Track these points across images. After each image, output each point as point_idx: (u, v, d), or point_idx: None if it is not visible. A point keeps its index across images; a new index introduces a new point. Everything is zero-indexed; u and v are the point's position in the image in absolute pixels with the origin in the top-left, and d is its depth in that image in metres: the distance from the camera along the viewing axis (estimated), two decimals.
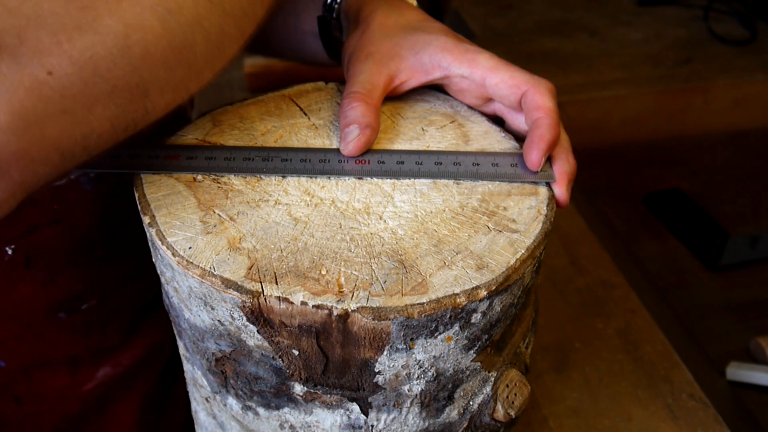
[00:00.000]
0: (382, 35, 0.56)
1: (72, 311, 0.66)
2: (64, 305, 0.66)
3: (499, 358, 0.49)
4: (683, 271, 1.16)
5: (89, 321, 0.68)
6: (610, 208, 1.24)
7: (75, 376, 0.70)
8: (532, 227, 0.48)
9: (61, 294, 0.65)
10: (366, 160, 0.52)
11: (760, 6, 1.60)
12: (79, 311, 0.67)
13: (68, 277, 0.64)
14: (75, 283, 0.65)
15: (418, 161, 0.52)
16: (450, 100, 0.59)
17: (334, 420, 0.47)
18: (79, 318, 0.67)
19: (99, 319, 0.69)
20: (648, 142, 1.39)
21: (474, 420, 0.50)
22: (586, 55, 1.47)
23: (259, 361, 0.46)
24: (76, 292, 0.66)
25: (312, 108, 0.57)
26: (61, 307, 0.66)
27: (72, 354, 0.69)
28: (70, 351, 0.69)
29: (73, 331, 0.68)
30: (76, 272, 0.65)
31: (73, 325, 0.67)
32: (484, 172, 0.51)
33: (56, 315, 0.66)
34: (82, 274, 0.65)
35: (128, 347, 0.72)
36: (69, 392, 0.70)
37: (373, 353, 0.43)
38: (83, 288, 0.66)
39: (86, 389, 0.70)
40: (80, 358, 0.69)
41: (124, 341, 0.72)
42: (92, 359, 0.70)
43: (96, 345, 0.70)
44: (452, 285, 0.43)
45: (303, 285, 0.43)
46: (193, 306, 0.46)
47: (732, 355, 0.98)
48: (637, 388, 0.80)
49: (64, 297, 0.65)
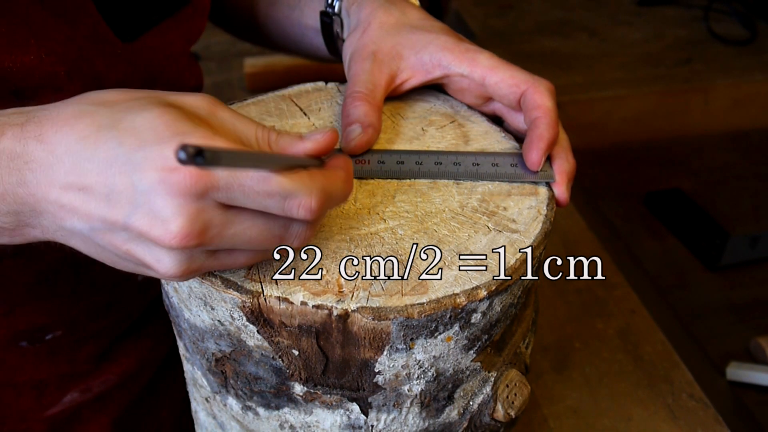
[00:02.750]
0: (383, 34, 0.56)
1: (35, 341, 0.65)
2: (26, 335, 0.64)
3: (499, 358, 0.49)
4: (683, 271, 1.16)
5: (56, 349, 0.67)
6: (610, 208, 1.24)
7: (40, 399, 0.68)
8: (532, 227, 0.48)
9: (23, 324, 0.63)
10: (366, 160, 0.52)
11: (760, 6, 1.60)
12: (44, 341, 0.65)
13: (30, 308, 0.63)
14: (37, 314, 0.64)
15: (418, 161, 0.52)
16: (450, 100, 0.59)
17: (334, 420, 0.47)
18: (44, 347, 0.66)
19: (67, 347, 0.67)
20: (648, 142, 1.39)
21: (474, 420, 0.50)
22: (586, 55, 1.47)
23: (259, 361, 0.46)
24: (39, 323, 0.64)
25: (312, 108, 0.57)
26: (24, 336, 0.64)
27: (38, 378, 0.67)
28: (35, 376, 0.67)
29: (38, 358, 0.66)
30: (40, 304, 0.63)
31: (38, 353, 0.66)
32: (484, 172, 0.51)
33: (18, 344, 0.64)
34: (46, 307, 0.64)
35: (100, 373, 0.71)
36: (33, 415, 0.68)
37: (373, 353, 0.43)
38: (47, 320, 0.65)
39: (51, 413, 0.69)
40: (46, 383, 0.68)
41: (95, 368, 0.71)
42: (60, 384, 0.69)
43: (65, 371, 0.69)
44: (452, 285, 0.43)
45: (303, 285, 0.43)
46: (193, 306, 0.46)
47: (732, 355, 0.98)
48: (637, 388, 0.80)
49: (27, 327, 0.64)
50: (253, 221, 0.40)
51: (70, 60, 0.54)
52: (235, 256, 0.42)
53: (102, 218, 0.39)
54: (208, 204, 0.38)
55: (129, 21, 0.60)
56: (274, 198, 0.38)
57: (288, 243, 0.42)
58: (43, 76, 0.53)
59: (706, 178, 1.33)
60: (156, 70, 0.63)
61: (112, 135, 0.39)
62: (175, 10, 0.64)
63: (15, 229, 0.42)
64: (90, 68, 0.56)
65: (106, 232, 0.40)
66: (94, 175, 0.39)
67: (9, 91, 0.53)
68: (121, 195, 0.38)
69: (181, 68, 0.68)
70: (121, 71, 0.59)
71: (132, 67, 0.60)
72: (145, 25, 0.62)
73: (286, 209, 0.39)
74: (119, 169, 0.38)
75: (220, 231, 0.39)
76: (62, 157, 0.39)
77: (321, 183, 0.40)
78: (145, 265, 0.40)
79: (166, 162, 0.37)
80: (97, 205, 0.39)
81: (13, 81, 0.52)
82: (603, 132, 1.36)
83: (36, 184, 0.40)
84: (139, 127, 0.39)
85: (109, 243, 0.40)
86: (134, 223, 0.38)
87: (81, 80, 0.55)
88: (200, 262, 0.40)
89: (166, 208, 0.37)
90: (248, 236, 0.40)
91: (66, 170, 0.39)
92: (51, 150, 0.39)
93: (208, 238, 0.39)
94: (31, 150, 0.40)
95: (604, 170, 1.32)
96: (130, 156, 0.38)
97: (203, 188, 0.37)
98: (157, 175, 0.37)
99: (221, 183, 0.38)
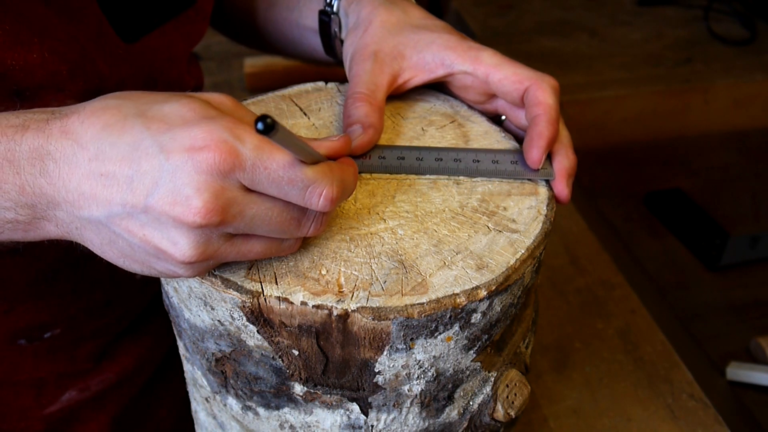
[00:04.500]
0: (384, 33, 0.56)
1: (34, 339, 0.65)
2: (25, 333, 0.64)
3: (499, 358, 0.49)
4: (683, 271, 1.16)
5: (55, 347, 0.67)
6: (610, 208, 1.24)
7: (39, 398, 0.68)
8: (532, 227, 0.48)
9: (22, 323, 0.64)
10: (367, 156, 0.52)
11: (760, 6, 1.60)
12: (43, 339, 0.65)
13: (29, 306, 0.63)
14: (37, 312, 0.64)
15: (419, 157, 0.52)
16: (450, 100, 0.59)
17: (334, 420, 0.47)
18: (43, 345, 0.66)
19: (67, 346, 0.68)
20: (648, 142, 1.39)
21: (474, 420, 0.50)
22: (586, 55, 1.47)
23: (259, 361, 0.46)
24: (38, 321, 0.64)
25: (312, 108, 0.57)
26: (22, 334, 0.64)
27: (37, 377, 0.67)
28: (34, 374, 0.67)
29: (37, 356, 0.66)
30: (39, 303, 0.64)
31: (36, 351, 0.66)
32: (484, 169, 0.51)
33: (16, 342, 0.65)
34: (45, 305, 0.64)
35: (98, 372, 0.71)
36: (31, 413, 0.68)
37: (373, 353, 0.43)
38: (47, 318, 0.65)
39: (49, 411, 0.69)
40: (45, 381, 0.68)
41: (95, 366, 0.71)
42: (58, 382, 0.69)
43: (63, 369, 0.69)
44: (452, 285, 0.43)
45: (303, 285, 0.43)
46: (193, 306, 0.46)
47: (732, 355, 0.98)
48: (637, 388, 0.80)
49: (26, 325, 0.64)
50: (274, 203, 0.41)
51: (73, 59, 0.54)
52: (252, 243, 0.42)
53: (122, 202, 0.39)
54: (232, 183, 0.39)
55: (132, 22, 0.61)
56: (296, 185, 0.40)
57: (303, 231, 0.42)
58: (46, 75, 0.53)
59: (706, 178, 1.33)
60: (157, 71, 0.63)
61: (139, 122, 0.39)
62: (177, 13, 0.65)
63: (30, 223, 0.42)
64: (92, 68, 0.56)
65: (124, 217, 0.40)
66: (117, 161, 0.39)
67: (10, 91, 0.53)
68: (145, 176, 0.39)
69: (182, 70, 0.68)
70: (123, 72, 0.59)
71: (134, 68, 0.60)
72: (148, 26, 0.62)
73: (306, 197, 0.40)
74: (145, 152, 0.39)
75: (242, 209, 0.39)
76: (87, 144, 0.40)
77: (339, 175, 0.41)
78: (160, 251, 0.40)
79: (194, 142, 0.38)
80: (119, 189, 0.39)
81: (15, 80, 0.52)
82: (603, 132, 1.36)
83: (57, 175, 0.40)
84: (167, 113, 0.40)
85: (125, 230, 0.40)
86: (156, 202, 0.38)
87: (83, 79, 0.55)
88: (216, 247, 0.41)
89: (190, 184, 0.38)
90: (268, 218, 0.41)
91: (90, 157, 0.40)
92: (75, 139, 0.40)
93: (230, 216, 0.39)
94: (54, 141, 0.40)
95: (604, 170, 1.32)
96: (156, 138, 0.39)
97: (230, 167, 0.38)
98: (185, 155, 0.38)
99: (248, 164, 0.39)
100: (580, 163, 0.53)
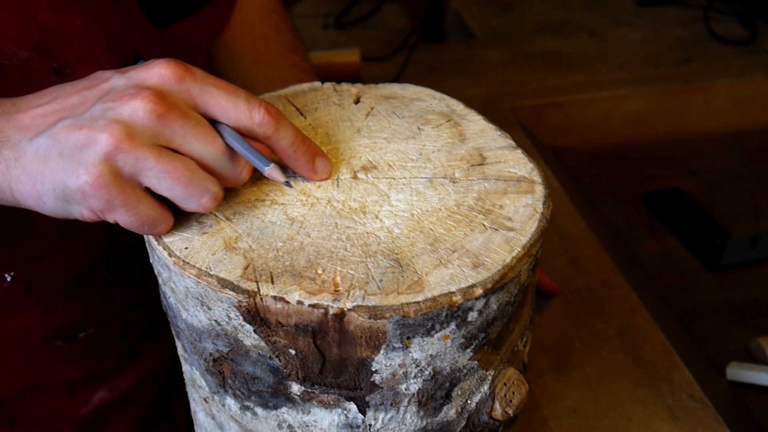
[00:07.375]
0: None
1: (69, 339, 0.66)
2: (61, 333, 0.65)
3: (496, 357, 0.49)
4: (683, 271, 1.15)
5: (86, 348, 0.67)
6: (610, 208, 1.23)
7: (70, 400, 0.69)
8: (528, 225, 0.47)
9: (59, 322, 0.64)
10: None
11: (760, 6, 1.60)
12: (77, 339, 0.66)
13: (68, 305, 0.64)
14: (74, 311, 0.64)
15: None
16: (446, 99, 0.59)
17: (331, 419, 0.47)
18: (76, 345, 0.66)
19: (97, 346, 0.68)
20: (648, 142, 1.38)
21: (472, 419, 0.50)
22: (586, 55, 1.47)
23: (257, 360, 0.46)
24: (75, 320, 0.65)
25: (308, 108, 0.57)
26: (59, 335, 0.65)
27: (68, 379, 0.68)
28: (65, 376, 0.68)
29: (69, 357, 0.67)
30: (76, 301, 0.64)
31: (70, 352, 0.66)
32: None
33: (53, 342, 0.65)
34: (82, 303, 0.65)
35: (126, 371, 0.72)
36: (63, 416, 0.69)
37: (370, 352, 0.43)
38: (83, 317, 0.65)
39: (81, 413, 0.69)
40: (76, 383, 0.69)
41: (122, 366, 0.71)
42: (88, 384, 0.70)
43: (92, 370, 0.69)
44: (448, 283, 0.43)
45: (299, 284, 0.43)
46: (190, 306, 0.46)
47: (732, 355, 0.98)
48: (637, 388, 0.80)
49: (63, 325, 0.65)
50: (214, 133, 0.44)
51: (114, 30, 0.56)
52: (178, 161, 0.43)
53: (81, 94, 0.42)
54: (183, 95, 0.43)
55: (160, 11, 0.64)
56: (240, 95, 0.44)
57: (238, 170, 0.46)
58: (87, 45, 0.54)
59: (706, 178, 1.33)
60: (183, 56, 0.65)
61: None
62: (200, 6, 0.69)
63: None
64: (129, 43, 0.57)
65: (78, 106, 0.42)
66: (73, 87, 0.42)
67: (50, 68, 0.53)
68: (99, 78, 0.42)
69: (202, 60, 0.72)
70: (155, 52, 0.60)
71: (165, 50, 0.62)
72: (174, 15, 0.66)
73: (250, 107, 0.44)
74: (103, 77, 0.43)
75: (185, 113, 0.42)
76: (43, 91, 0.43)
77: None
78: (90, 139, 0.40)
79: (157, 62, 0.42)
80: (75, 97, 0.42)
81: (56, 51, 0.52)
82: (603, 132, 1.35)
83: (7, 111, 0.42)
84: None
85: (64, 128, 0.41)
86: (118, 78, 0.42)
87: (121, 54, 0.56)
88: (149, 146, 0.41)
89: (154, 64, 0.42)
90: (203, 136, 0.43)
91: (42, 93, 0.42)
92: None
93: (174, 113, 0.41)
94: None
95: (604, 170, 1.31)
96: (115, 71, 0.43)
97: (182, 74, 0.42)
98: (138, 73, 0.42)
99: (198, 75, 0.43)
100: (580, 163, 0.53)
